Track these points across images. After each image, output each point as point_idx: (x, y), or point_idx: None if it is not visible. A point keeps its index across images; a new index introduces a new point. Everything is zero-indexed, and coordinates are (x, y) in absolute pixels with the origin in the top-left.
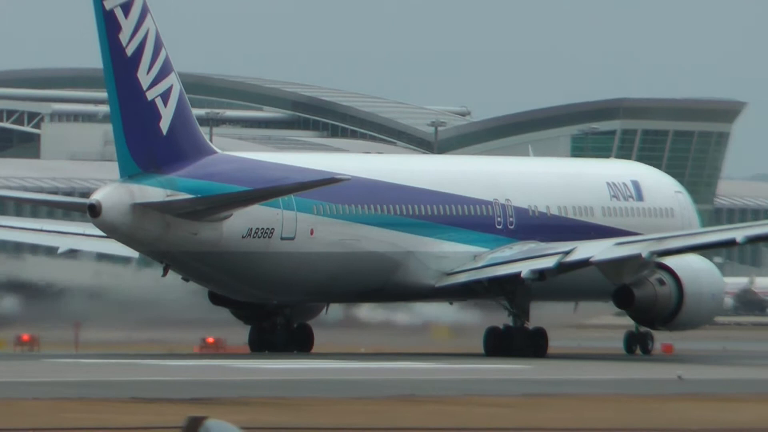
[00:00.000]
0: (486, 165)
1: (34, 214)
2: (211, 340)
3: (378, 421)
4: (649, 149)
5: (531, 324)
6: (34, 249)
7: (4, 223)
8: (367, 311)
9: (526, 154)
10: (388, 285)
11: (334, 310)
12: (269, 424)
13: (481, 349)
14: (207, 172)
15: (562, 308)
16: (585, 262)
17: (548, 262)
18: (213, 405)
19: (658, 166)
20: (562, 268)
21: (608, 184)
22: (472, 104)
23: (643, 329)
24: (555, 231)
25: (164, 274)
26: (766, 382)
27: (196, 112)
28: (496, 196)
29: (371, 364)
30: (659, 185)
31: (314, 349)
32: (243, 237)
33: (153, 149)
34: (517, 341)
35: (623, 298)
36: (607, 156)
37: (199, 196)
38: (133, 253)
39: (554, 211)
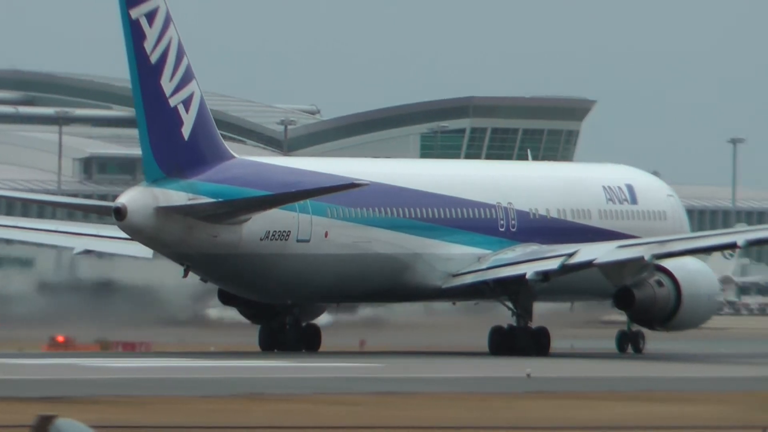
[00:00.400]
0: (489, 169)
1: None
2: (61, 338)
3: (225, 419)
4: (498, 147)
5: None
6: None
7: (17, 224)
8: (217, 311)
9: (377, 154)
10: (397, 286)
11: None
12: (118, 422)
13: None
14: (227, 176)
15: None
16: (588, 264)
17: (552, 264)
18: (62, 403)
19: None
20: (566, 269)
21: (604, 187)
22: (322, 103)
23: (635, 328)
24: (554, 233)
25: (185, 276)
26: (624, 379)
27: (45, 111)
28: (499, 200)
29: (221, 362)
30: (652, 189)
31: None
32: (261, 239)
33: (176, 154)
34: (520, 340)
35: (624, 300)
36: (457, 154)
37: (220, 199)
38: (146, 254)
39: (554, 214)
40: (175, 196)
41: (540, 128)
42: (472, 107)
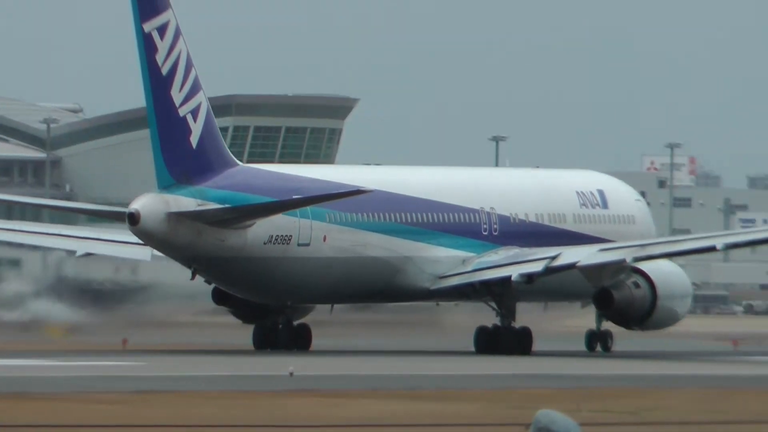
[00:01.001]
0: (472, 175)
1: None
2: None
3: None
4: (261, 146)
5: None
6: None
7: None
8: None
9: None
10: (388, 287)
11: None
12: None
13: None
14: (232, 182)
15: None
16: (571, 266)
17: (536, 267)
18: None
19: (270, 162)
20: (550, 271)
21: (577, 193)
22: (87, 102)
23: (603, 328)
24: (533, 236)
25: (192, 278)
26: (388, 377)
27: None
28: (482, 205)
29: None
30: (621, 194)
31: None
32: (265, 243)
33: (185, 162)
34: (504, 339)
35: (603, 300)
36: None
37: (227, 205)
38: (144, 256)
39: (532, 219)
40: (185, 202)
41: (303, 126)
42: (235, 105)
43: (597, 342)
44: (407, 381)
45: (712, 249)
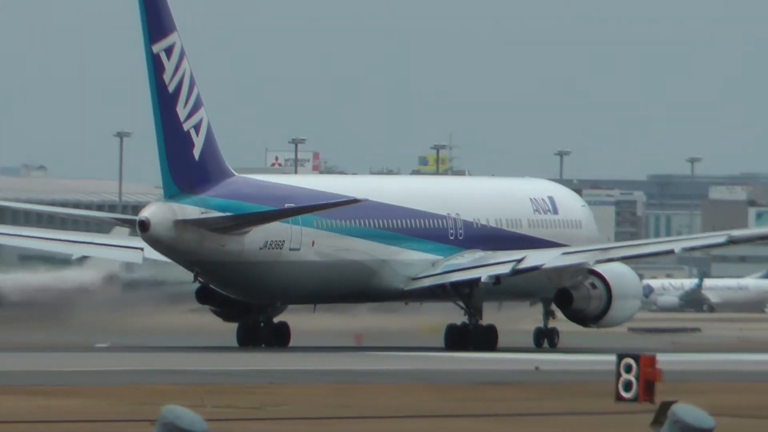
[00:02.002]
0: (439, 183)
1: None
2: None
3: None
4: None
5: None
6: None
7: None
8: None
9: None
10: (367, 288)
11: None
12: None
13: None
14: (231, 192)
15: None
16: (537, 269)
17: (504, 269)
18: None
19: None
20: (516, 273)
21: (531, 199)
22: None
23: (550, 326)
24: (493, 241)
25: (195, 281)
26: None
27: None
28: (449, 211)
29: None
30: (569, 200)
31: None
32: (260, 248)
33: (188, 173)
34: (472, 336)
35: (563, 300)
36: None
37: (228, 213)
38: (136, 259)
39: (492, 224)
40: (190, 210)
41: None
42: None
43: (544, 338)
44: (36, 377)
45: (670, 252)
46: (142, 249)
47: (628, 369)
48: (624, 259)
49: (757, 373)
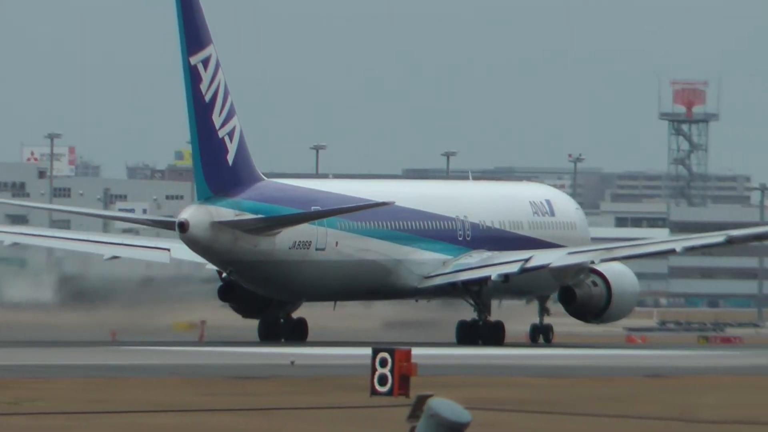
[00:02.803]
0: (448, 188)
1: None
2: None
3: None
4: None
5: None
6: None
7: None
8: None
9: None
10: (385, 286)
11: None
12: None
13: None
14: (263, 195)
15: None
16: (544, 267)
17: (512, 268)
18: None
19: None
20: (524, 272)
21: (530, 203)
22: None
23: (546, 322)
24: (497, 241)
25: (229, 278)
26: None
27: None
28: (457, 213)
29: None
30: (564, 204)
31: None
32: (290, 248)
33: (222, 177)
34: (482, 332)
35: (567, 297)
36: None
37: (260, 215)
38: (163, 259)
39: (497, 226)
40: (225, 212)
41: None
42: None
43: (540, 334)
44: None
45: (672, 251)
46: (168, 249)
47: (383, 363)
48: (627, 258)
49: (511, 367)
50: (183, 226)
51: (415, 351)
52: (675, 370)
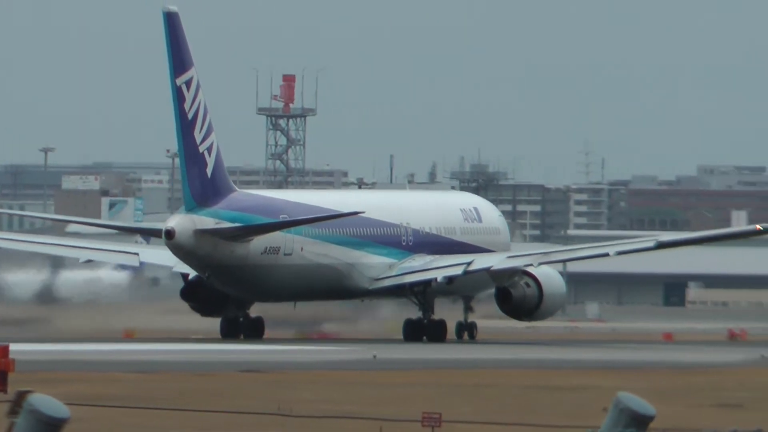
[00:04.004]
0: (394, 196)
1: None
2: None
3: None
4: None
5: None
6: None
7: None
8: None
9: None
10: (340, 287)
11: None
12: None
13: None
14: (238, 205)
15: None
16: (486, 270)
17: (456, 270)
18: None
19: None
20: (467, 274)
21: (461, 210)
22: None
23: (470, 320)
24: (434, 246)
25: (207, 281)
26: None
27: None
28: (401, 220)
29: None
30: (490, 211)
31: None
32: (261, 253)
33: (203, 188)
34: (426, 329)
35: (503, 297)
36: None
37: (238, 224)
38: (133, 262)
39: (434, 231)
40: (206, 221)
41: None
42: None
43: (465, 331)
44: None
45: (605, 255)
46: (137, 254)
47: None
48: (564, 261)
49: (108, 363)
50: (169, 234)
51: (14, 347)
52: (272, 365)
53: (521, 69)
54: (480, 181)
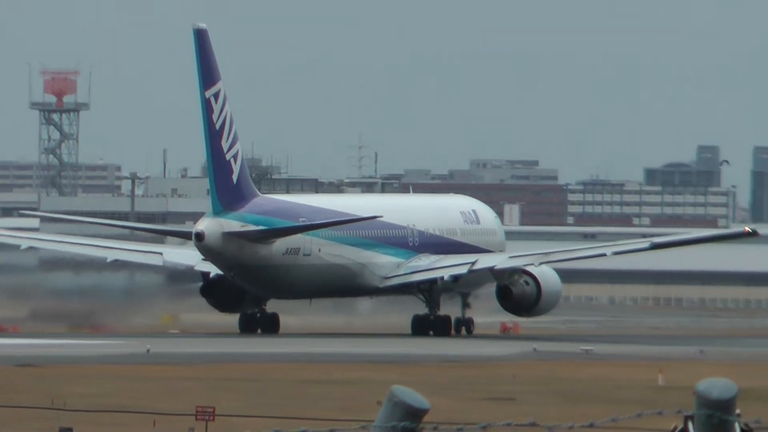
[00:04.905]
0: (401, 200)
1: None
2: None
3: None
4: None
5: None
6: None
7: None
8: None
9: None
10: (353, 285)
11: None
12: None
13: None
14: (261, 209)
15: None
16: (489, 270)
17: (461, 270)
18: None
19: None
20: (471, 273)
21: (461, 212)
22: None
23: (467, 316)
24: (438, 246)
25: (231, 280)
26: None
27: None
28: (408, 223)
29: None
30: (486, 213)
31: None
32: (283, 254)
33: (229, 193)
34: (433, 324)
35: (504, 295)
36: None
37: (262, 227)
38: (157, 261)
39: (437, 233)
40: (233, 224)
41: None
42: None
43: (462, 327)
44: None
45: (602, 255)
46: (161, 253)
47: None
48: (563, 261)
49: None
50: (199, 236)
51: None
52: (47, 360)
53: (295, 62)
54: (253, 176)
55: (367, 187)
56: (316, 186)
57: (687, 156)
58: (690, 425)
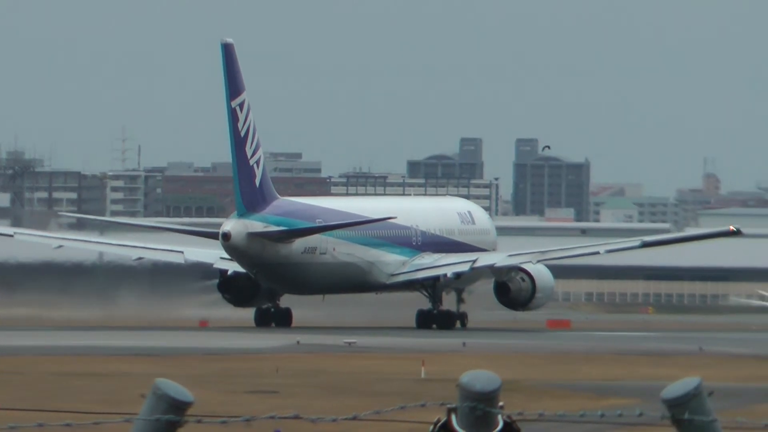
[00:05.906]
0: (406, 202)
1: None
2: None
3: None
4: None
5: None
6: None
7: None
8: None
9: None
10: (362, 282)
11: None
12: None
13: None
14: (282, 211)
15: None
16: (490, 267)
17: (463, 267)
18: None
19: None
20: (473, 270)
21: (458, 213)
22: None
23: (461, 310)
24: (438, 245)
25: (254, 278)
26: None
27: None
28: (412, 223)
29: None
30: (480, 214)
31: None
32: (302, 253)
33: (252, 196)
34: (436, 318)
35: (502, 290)
36: None
37: (283, 228)
38: (179, 259)
39: (437, 233)
40: (257, 225)
41: None
42: None
43: (457, 320)
44: None
45: (596, 254)
46: (182, 252)
47: None
48: (560, 259)
49: None
50: (226, 236)
51: None
52: None
53: (66, 53)
54: (16, 169)
55: (130, 180)
56: (79, 179)
57: (450, 148)
58: (453, 417)
